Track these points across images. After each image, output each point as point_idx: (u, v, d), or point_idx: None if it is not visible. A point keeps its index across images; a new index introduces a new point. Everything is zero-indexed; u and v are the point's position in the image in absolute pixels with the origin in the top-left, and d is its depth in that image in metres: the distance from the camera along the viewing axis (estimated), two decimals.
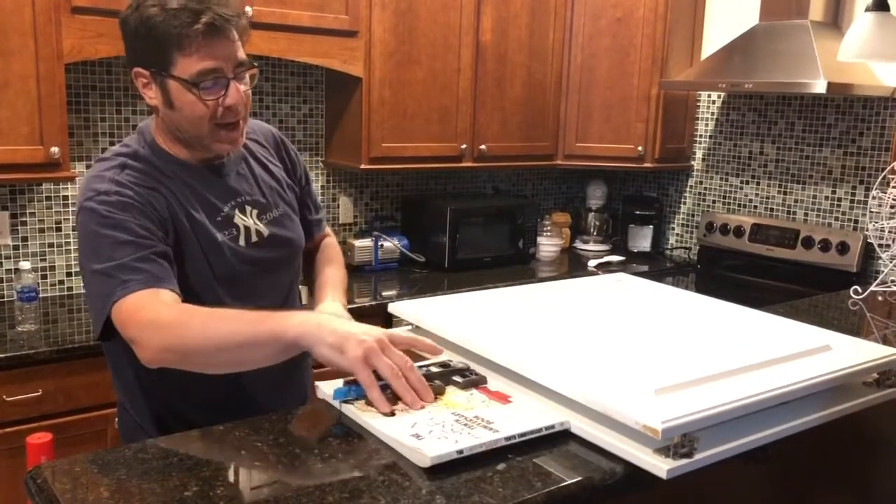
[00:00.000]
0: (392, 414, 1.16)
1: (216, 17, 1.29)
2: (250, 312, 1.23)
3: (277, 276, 1.54)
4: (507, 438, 1.10)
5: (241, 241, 1.45)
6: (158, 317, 1.24)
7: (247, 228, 1.47)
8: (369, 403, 1.19)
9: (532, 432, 1.12)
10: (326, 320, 1.21)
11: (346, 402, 1.21)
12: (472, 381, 1.27)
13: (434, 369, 1.30)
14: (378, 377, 1.17)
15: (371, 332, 1.18)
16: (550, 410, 1.18)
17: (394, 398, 1.18)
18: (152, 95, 1.37)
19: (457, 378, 1.27)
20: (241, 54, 1.36)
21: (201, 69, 1.31)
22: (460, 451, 1.05)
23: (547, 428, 1.13)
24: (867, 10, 2.38)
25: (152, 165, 1.40)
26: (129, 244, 1.29)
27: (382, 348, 1.17)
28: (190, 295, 1.37)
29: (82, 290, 2.74)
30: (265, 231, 1.49)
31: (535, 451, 1.10)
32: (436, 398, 1.21)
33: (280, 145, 1.65)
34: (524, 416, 1.16)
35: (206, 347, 1.22)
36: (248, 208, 1.48)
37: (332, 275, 1.66)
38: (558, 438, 1.14)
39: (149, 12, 1.30)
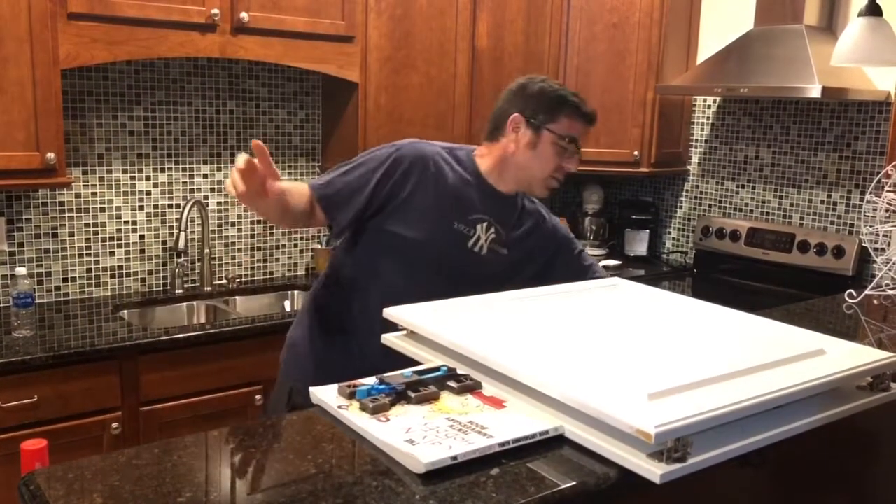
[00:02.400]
0: (387, 420, 1.16)
1: (595, 114, 1.85)
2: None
3: (456, 288, 1.65)
4: (501, 444, 1.10)
5: (470, 244, 1.82)
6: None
7: (478, 238, 1.83)
8: (364, 409, 1.19)
9: (526, 438, 1.12)
10: None
11: (340, 406, 1.21)
12: (467, 387, 1.28)
13: (429, 374, 1.30)
14: None
15: None
16: (545, 415, 1.18)
17: (389, 404, 1.19)
18: (517, 137, 1.81)
19: (451, 383, 1.28)
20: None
21: (571, 134, 1.81)
22: (454, 458, 1.05)
23: (541, 433, 1.13)
24: (860, 14, 2.39)
25: (457, 159, 1.84)
26: (355, 179, 1.77)
27: None
28: (376, 263, 1.81)
29: (78, 296, 2.74)
30: (485, 252, 1.84)
31: (529, 456, 1.10)
32: (430, 402, 1.22)
33: (540, 221, 1.98)
34: (518, 421, 1.16)
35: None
36: (492, 230, 1.85)
37: None
38: (552, 443, 1.14)
39: (553, 86, 1.84)
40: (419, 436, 1.10)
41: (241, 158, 1.49)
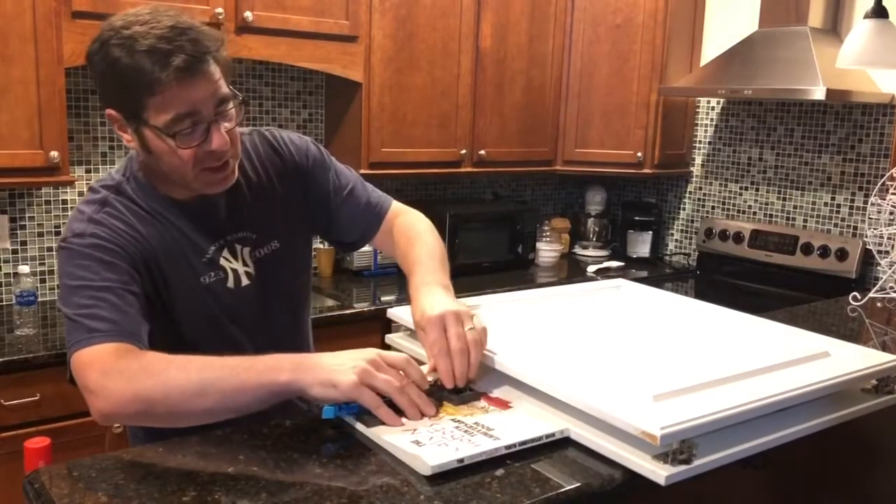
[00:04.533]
0: (401, 425, 1.14)
1: (188, 57, 1.18)
2: (233, 357, 1.15)
3: (275, 316, 1.46)
4: (508, 447, 1.09)
5: (230, 284, 1.38)
6: (127, 364, 1.15)
7: (234, 271, 1.38)
8: (360, 420, 1.16)
9: (532, 440, 1.12)
10: (315, 360, 1.15)
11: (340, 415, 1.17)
12: (468, 398, 1.25)
13: (430, 384, 1.26)
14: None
15: (361, 355, 1.15)
16: (550, 417, 1.18)
17: (398, 413, 1.17)
18: (129, 138, 1.27)
19: (452, 395, 1.25)
20: (223, 89, 1.25)
21: (176, 115, 1.20)
22: (461, 460, 1.05)
23: (547, 436, 1.13)
24: (866, 16, 2.39)
25: (134, 202, 1.32)
26: (98, 289, 1.22)
27: (376, 368, 1.14)
28: (178, 337, 1.33)
29: None
30: (254, 271, 1.41)
31: (534, 457, 1.10)
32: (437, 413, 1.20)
33: (278, 152, 1.49)
34: (524, 423, 1.16)
35: (185, 392, 1.12)
36: (238, 247, 1.40)
37: (418, 257, 1.46)
38: (557, 444, 1.14)
39: (114, 54, 1.18)
40: (425, 437, 1.10)
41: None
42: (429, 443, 1.08)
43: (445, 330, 1.23)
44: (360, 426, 1.16)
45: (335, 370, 1.12)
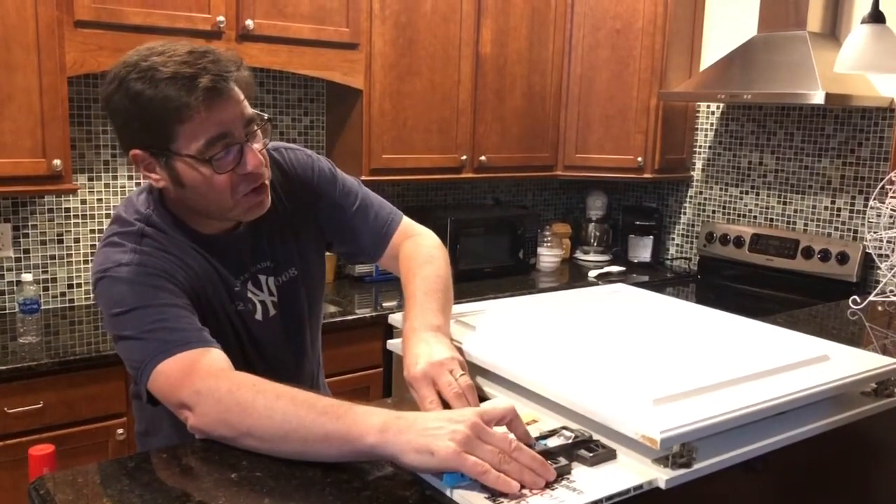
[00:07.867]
0: (519, 492, 0.99)
1: (214, 77, 1.18)
2: (324, 400, 1.08)
3: (295, 342, 1.49)
4: (594, 503, 0.97)
5: (258, 315, 1.41)
6: (217, 385, 1.13)
7: (262, 303, 1.41)
8: (486, 488, 0.99)
9: (619, 494, 1.01)
10: (408, 422, 1.02)
11: (457, 487, 1.00)
12: (603, 457, 1.08)
13: (551, 442, 1.10)
14: None
15: (461, 418, 1.02)
16: (628, 461, 1.10)
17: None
18: (158, 177, 1.26)
19: (583, 452, 1.08)
20: (248, 110, 1.25)
21: (209, 139, 1.19)
22: None
23: (635, 488, 1.03)
24: (863, 22, 2.40)
25: (167, 234, 1.31)
26: (159, 306, 1.21)
27: (478, 433, 1.00)
28: None
29: (84, 303, 2.75)
30: (277, 299, 1.44)
31: None
32: (558, 479, 1.02)
33: (285, 173, 1.48)
34: (606, 471, 1.06)
35: (268, 433, 1.08)
36: (262, 277, 1.41)
37: (412, 294, 1.40)
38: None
39: (136, 88, 1.18)
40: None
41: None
42: (506, 500, 0.97)
43: (435, 382, 1.18)
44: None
45: (431, 434, 1.00)
